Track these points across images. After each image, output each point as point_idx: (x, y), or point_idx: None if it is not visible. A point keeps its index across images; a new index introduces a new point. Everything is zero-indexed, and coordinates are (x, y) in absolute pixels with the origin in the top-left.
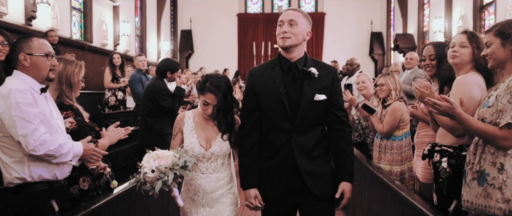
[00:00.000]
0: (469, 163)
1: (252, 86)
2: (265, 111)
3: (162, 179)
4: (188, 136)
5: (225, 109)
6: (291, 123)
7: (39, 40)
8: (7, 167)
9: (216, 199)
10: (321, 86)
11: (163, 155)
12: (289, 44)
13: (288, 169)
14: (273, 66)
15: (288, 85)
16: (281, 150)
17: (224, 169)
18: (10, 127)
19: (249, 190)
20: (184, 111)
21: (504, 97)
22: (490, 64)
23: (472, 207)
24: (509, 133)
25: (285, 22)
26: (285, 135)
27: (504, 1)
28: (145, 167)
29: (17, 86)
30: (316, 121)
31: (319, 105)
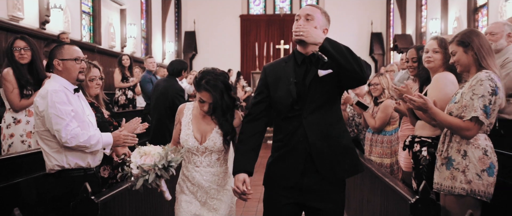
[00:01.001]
0: (439, 150)
1: (264, 79)
2: (275, 102)
3: (143, 178)
4: (185, 128)
5: (222, 107)
6: (300, 107)
7: (71, 47)
8: (48, 156)
9: (211, 194)
10: (327, 65)
11: (150, 152)
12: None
13: (301, 150)
14: (286, 60)
15: (301, 78)
16: (293, 134)
17: (219, 165)
18: (48, 122)
19: (237, 175)
20: (185, 103)
21: (468, 95)
22: (458, 70)
23: (441, 188)
24: (471, 125)
25: (302, 16)
26: (296, 119)
27: (496, 3)
28: (132, 162)
29: (52, 87)
30: (326, 98)
31: (326, 80)
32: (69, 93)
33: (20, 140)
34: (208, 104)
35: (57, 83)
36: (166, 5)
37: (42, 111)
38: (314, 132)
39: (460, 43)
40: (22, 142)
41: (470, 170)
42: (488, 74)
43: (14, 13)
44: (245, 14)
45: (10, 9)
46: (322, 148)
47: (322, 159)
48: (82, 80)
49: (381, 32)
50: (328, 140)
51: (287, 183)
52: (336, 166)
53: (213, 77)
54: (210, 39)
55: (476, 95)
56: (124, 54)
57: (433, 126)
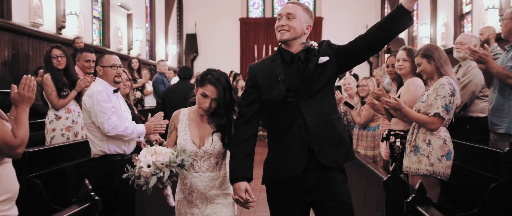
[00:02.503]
0: (408, 140)
1: (253, 79)
2: (266, 101)
3: (157, 175)
4: (182, 133)
5: (224, 104)
6: (296, 96)
7: (109, 56)
8: (93, 143)
9: (210, 199)
10: (322, 54)
11: (161, 151)
12: (287, 38)
13: (299, 138)
14: (273, 59)
15: (292, 76)
16: (292, 124)
17: (218, 169)
18: (93, 116)
19: (238, 183)
20: (180, 109)
21: (432, 96)
22: (425, 77)
23: (409, 170)
24: (435, 120)
25: (283, 15)
26: (292, 109)
27: (479, 11)
28: (142, 161)
29: (97, 88)
30: (323, 85)
31: (323, 68)
32: (109, 93)
33: (60, 133)
34: (210, 99)
35: (100, 85)
36: (169, 9)
37: (89, 107)
38: (312, 117)
39: (423, 55)
40: (62, 135)
41: (433, 155)
42: (448, 80)
43: (36, 20)
44: (244, 17)
45: (32, 16)
46: (321, 134)
47: (321, 145)
48: (118, 82)
49: None
50: (325, 126)
51: (288, 174)
52: (334, 153)
53: (217, 73)
54: (211, 42)
55: (439, 96)
56: (134, 58)
57: (405, 122)
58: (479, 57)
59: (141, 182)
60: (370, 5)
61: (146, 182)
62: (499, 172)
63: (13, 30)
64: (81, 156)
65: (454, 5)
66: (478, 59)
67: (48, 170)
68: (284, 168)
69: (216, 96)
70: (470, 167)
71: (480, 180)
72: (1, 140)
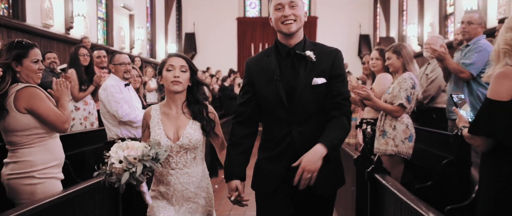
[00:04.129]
0: (377, 126)
1: (249, 76)
2: (262, 101)
3: (129, 171)
4: (155, 128)
5: (197, 83)
6: (290, 113)
7: (120, 55)
8: (109, 129)
9: (187, 198)
10: (320, 69)
11: (133, 146)
12: (295, 29)
13: (288, 159)
14: (268, 53)
15: (286, 72)
16: (282, 141)
17: (195, 164)
18: (108, 106)
19: (231, 182)
20: (151, 105)
21: (396, 88)
22: (391, 70)
23: (378, 151)
24: (399, 108)
25: (285, 4)
26: (285, 126)
27: (461, 12)
28: (113, 157)
29: (110, 83)
30: (317, 108)
31: (318, 90)
32: (121, 86)
33: (78, 122)
34: (178, 68)
35: (113, 80)
36: (168, 9)
37: (104, 99)
38: (303, 144)
39: (394, 51)
40: (80, 124)
41: (397, 138)
42: (410, 75)
43: (47, 21)
44: (241, 17)
45: (43, 17)
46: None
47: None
48: (127, 77)
49: (369, 34)
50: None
51: (269, 188)
52: (324, 181)
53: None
54: (209, 40)
55: (402, 89)
56: (137, 56)
57: (375, 110)
58: (439, 55)
59: (113, 179)
60: (363, 5)
61: (118, 179)
62: (450, 151)
63: (27, 31)
64: (97, 141)
65: (439, 6)
66: (438, 57)
67: (71, 153)
68: (268, 182)
69: (185, 63)
70: (427, 148)
71: (435, 158)
72: (55, 118)
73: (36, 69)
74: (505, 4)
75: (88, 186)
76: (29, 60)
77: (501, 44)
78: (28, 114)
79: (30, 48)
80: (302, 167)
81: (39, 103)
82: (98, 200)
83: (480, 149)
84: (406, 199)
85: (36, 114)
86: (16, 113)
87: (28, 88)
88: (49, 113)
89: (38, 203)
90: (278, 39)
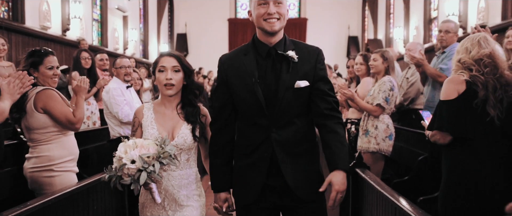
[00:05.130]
0: (361, 125)
1: (223, 76)
2: (239, 104)
3: (146, 170)
4: (148, 128)
5: (192, 85)
6: (269, 117)
7: (121, 59)
8: (112, 128)
9: (180, 201)
10: (302, 71)
11: (142, 144)
12: (279, 28)
13: (266, 166)
14: (245, 52)
15: (266, 74)
16: (259, 148)
17: (188, 166)
18: (110, 107)
19: (219, 194)
20: (143, 104)
21: (376, 90)
22: (373, 71)
23: (361, 149)
24: (376, 108)
25: (271, 1)
26: (263, 131)
27: (443, 16)
28: (123, 158)
29: (113, 86)
30: (299, 112)
31: (301, 93)
32: (123, 89)
33: None
34: (170, 69)
35: (115, 83)
36: (161, 10)
37: (106, 100)
38: (283, 150)
39: (381, 55)
40: (83, 123)
41: (379, 136)
42: (389, 78)
43: (44, 23)
44: (232, 18)
45: (41, 20)
46: (290, 165)
47: (294, 176)
48: (127, 80)
49: (357, 35)
50: (297, 160)
51: (251, 198)
52: (312, 186)
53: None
54: (200, 41)
55: (381, 91)
56: (131, 57)
57: (358, 111)
58: (417, 62)
59: (126, 181)
60: (352, 7)
61: (133, 180)
62: (425, 148)
63: (26, 33)
64: (100, 140)
65: (423, 10)
66: (416, 63)
67: None
68: (244, 195)
69: (177, 63)
70: (406, 146)
71: (412, 155)
72: (66, 118)
73: (51, 75)
74: (484, 10)
75: (97, 180)
76: (44, 67)
77: (454, 63)
78: (44, 113)
79: (45, 56)
80: (336, 190)
81: (53, 104)
82: (108, 191)
83: (439, 143)
84: (383, 190)
85: (50, 113)
86: (36, 113)
87: (46, 90)
88: (61, 114)
89: (59, 193)
90: (257, 36)
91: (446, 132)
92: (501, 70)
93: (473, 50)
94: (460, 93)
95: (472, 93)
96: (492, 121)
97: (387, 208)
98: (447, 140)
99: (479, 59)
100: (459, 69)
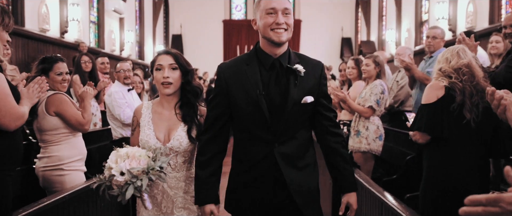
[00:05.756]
0: (352, 126)
1: (224, 85)
2: (240, 117)
3: (134, 184)
4: (144, 128)
5: (190, 86)
6: (273, 132)
7: (123, 64)
8: (114, 129)
9: (177, 204)
10: (308, 86)
11: (134, 155)
12: (286, 39)
13: (270, 182)
14: (248, 62)
15: (270, 86)
16: (261, 163)
17: (185, 169)
18: (112, 110)
19: (204, 206)
20: (143, 103)
21: (368, 93)
22: (365, 75)
23: (353, 149)
24: (368, 110)
25: (279, 10)
26: (266, 146)
27: (433, 20)
28: (113, 169)
29: (114, 89)
30: (301, 126)
31: (306, 108)
32: (124, 92)
33: None
34: (167, 67)
35: (117, 86)
36: (156, 11)
37: (108, 103)
38: (286, 165)
39: (373, 61)
40: None
41: (370, 137)
42: (380, 82)
43: (43, 26)
44: (227, 19)
45: (40, 22)
46: (296, 180)
47: (300, 192)
48: (127, 83)
49: (351, 37)
50: (301, 175)
51: (257, 213)
52: (315, 203)
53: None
54: (195, 42)
55: (373, 93)
56: (128, 60)
57: (350, 113)
58: (406, 66)
59: (114, 192)
60: (346, 9)
61: (121, 192)
62: (413, 148)
63: (26, 36)
64: (101, 140)
65: (415, 13)
66: (405, 67)
67: None
68: (253, 205)
69: (173, 61)
70: (395, 146)
71: (401, 155)
72: (76, 121)
73: (60, 80)
74: (472, 14)
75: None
76: (54, 73)
77: (435, 72)
78: (56, 116)
79: (55, 63)
80: (354, 211)
81: (65, 107)
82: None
83: (419, 142)
84: (371, 188)
85: (62, 116)
86: (47, 116)
87: (57, 95)
88: (72, 117)
89: (71, 190)
90: (260, 46)
91: (425, 132)
92: (477, 78)
93: (452, 60)
94: (439, 97)
95: (450, 98)
96: (468, 124)
97: (374, 203)
98: (426, 140)
99: (458, 68)
100: (439, 77)
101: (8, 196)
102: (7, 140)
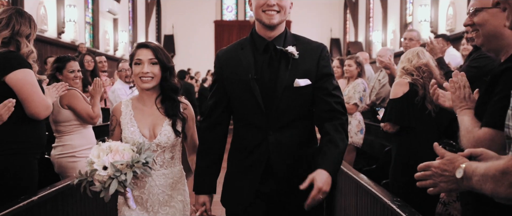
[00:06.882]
0: None
1: (219, 72)
2: (234, 103)
3: (117, 178)
4: (127, 125)
5: (169, 82)
6: (266, 118)
7: (123, 63)
8: None
9: (164, 202)
10: (304, 68)
11: (117, 149)
12: (278, 21)
13: (261, 171)
14: (242, 46)
15: (263, 70)
16: (254, 151)
17: (173, 164)
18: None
19: (198, 196)
20: (120, 101)
21: (351, 91)
22: (347, 75)
23: None
24: (353, 107)
25: None
26: (260, 133)
27: (417, 23)
28: (95, 163)
29: (118, 86)
30: (299, 114)
31: (301, 92)
32: (126, 89)
33: None
34: (146, 62)
35: (120, 84)
36: (149, 12)
37: (112, 99)
38: (279, 154)
39: (355, 61)
40: None
41: (352, 130)
42: (361, 80)
43: (41, 27)
44: (218, 20)
45: (39, 23)
46: (286, 172)
47: (290, 184)
48: (127, 81)
49: (339, 38)
50: (296, 166)
51: (241, 206)
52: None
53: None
54: (187, 42)
55: (356, 91)
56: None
57: None
58: (385, 65)
59: (97, 188)
60: (334, 10)
61: (104, 188)
62: (390, 140)
63: None
64: (101, 135)
65: (400, 15)
66: (385, 67)
67: None
68: (237, 199)
69: (153, 56)
70: (376, 139)
71: (380, 146)
72: (87, 114)
73: (72, 77)
74: (452, 17)
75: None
76: (67, 71)
77: (398, 70)
78: (68, 109)
79: (67, 62)
80: (318, 188)
81: (77, 101)
82: None
83: (390, 132)
84: (352, 174)
85: (74, 109)
86: (61, 109)
87: (70, 91)
88: (83, 110)
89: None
90: (255, 29)
91: (394, 123)
92: (435, 75)
93: (414, 60)
94: (405, 92)
95: (414, 92)
96: (429, 114)
97: (351, 183)
98: (395, 129)
99: (418, 67)
100: (403, 75)
101: (36, 176)
102: (36, 127)
